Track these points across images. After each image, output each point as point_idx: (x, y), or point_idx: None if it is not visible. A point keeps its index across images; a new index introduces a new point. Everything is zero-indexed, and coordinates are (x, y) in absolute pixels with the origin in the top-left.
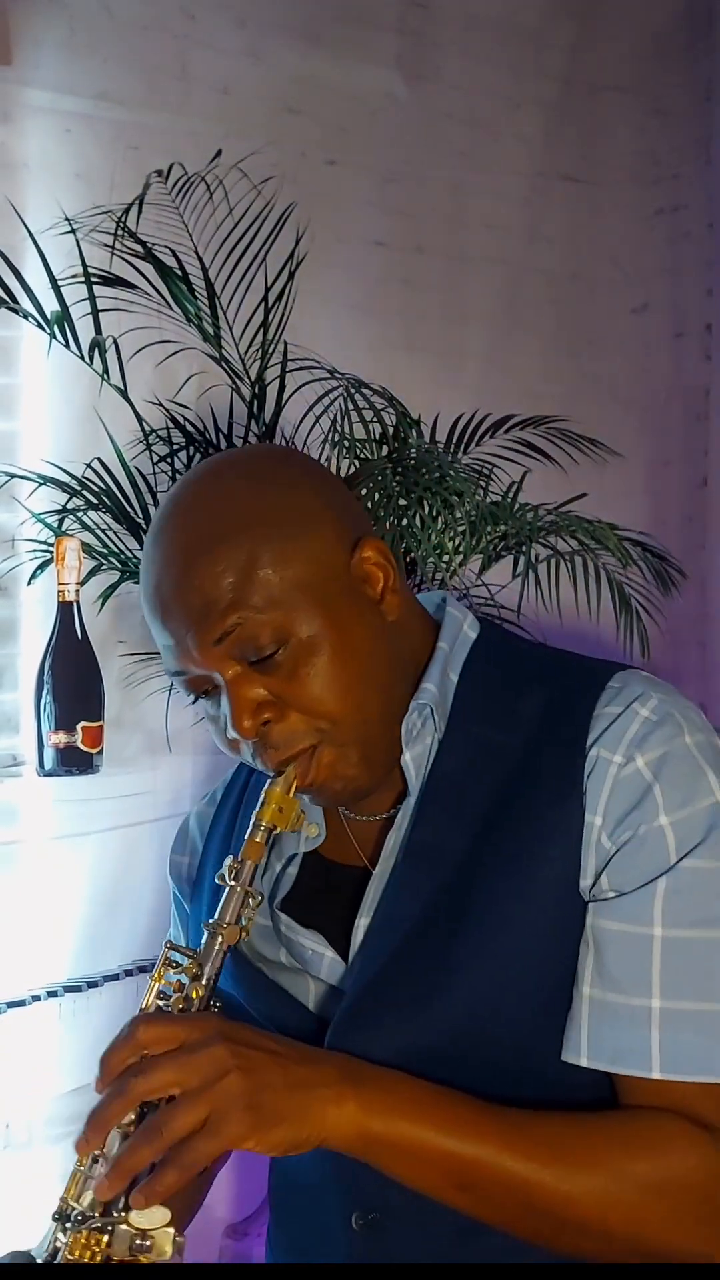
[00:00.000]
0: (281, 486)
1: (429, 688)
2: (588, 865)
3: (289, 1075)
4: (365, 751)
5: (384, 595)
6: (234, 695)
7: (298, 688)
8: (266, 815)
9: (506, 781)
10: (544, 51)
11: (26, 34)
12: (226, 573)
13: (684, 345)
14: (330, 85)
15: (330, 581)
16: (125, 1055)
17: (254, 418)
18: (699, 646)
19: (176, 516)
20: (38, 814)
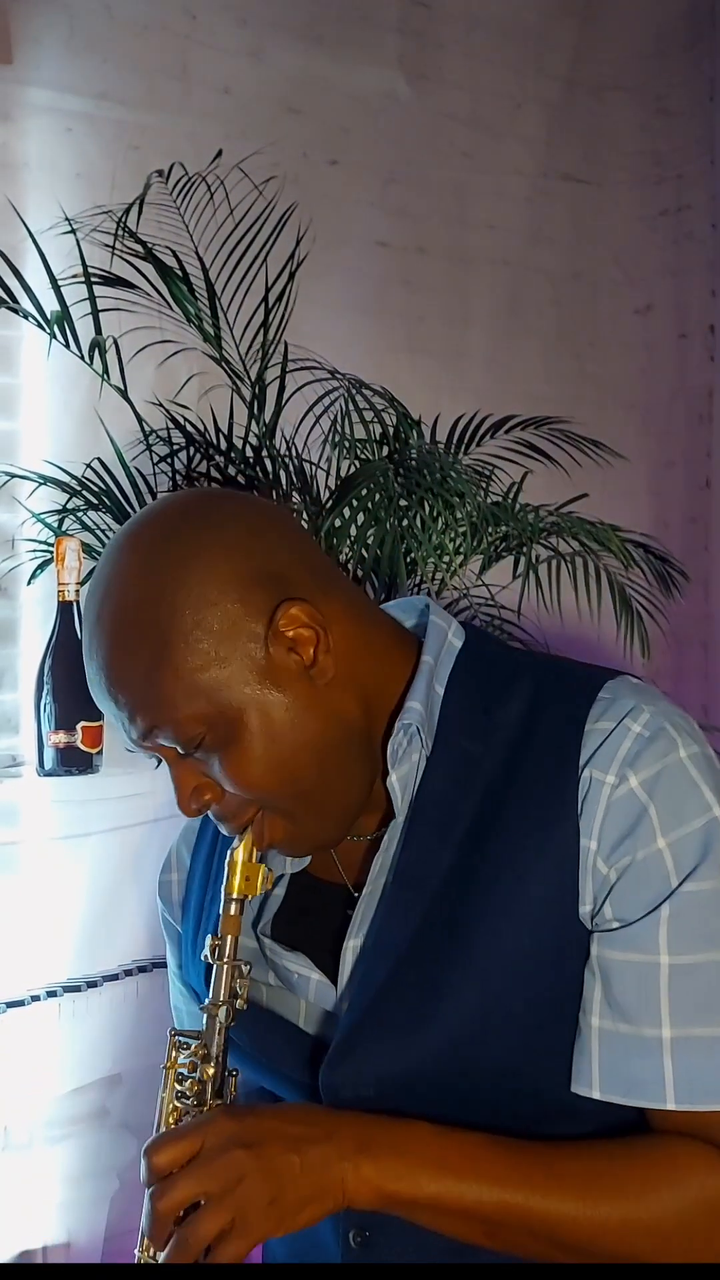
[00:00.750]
0: (179, 569)
1: (414, 706)
2: (585, 891)
3: (305, 1159)
4: (314, 813)
5: (316, 658)
6: (174, 777)
7: (226, 772)
8: (235, 887)
9: (493, 796)
10: (546, 51)
11: (27, 33)
12: (132, 681)
13: (687, 346)
14: (332, 85)
15: (239, 666)
16: (151, 1182)
17: (254, 418)
18: (702, 648)
19: (88, 610)
20: (38, 814)
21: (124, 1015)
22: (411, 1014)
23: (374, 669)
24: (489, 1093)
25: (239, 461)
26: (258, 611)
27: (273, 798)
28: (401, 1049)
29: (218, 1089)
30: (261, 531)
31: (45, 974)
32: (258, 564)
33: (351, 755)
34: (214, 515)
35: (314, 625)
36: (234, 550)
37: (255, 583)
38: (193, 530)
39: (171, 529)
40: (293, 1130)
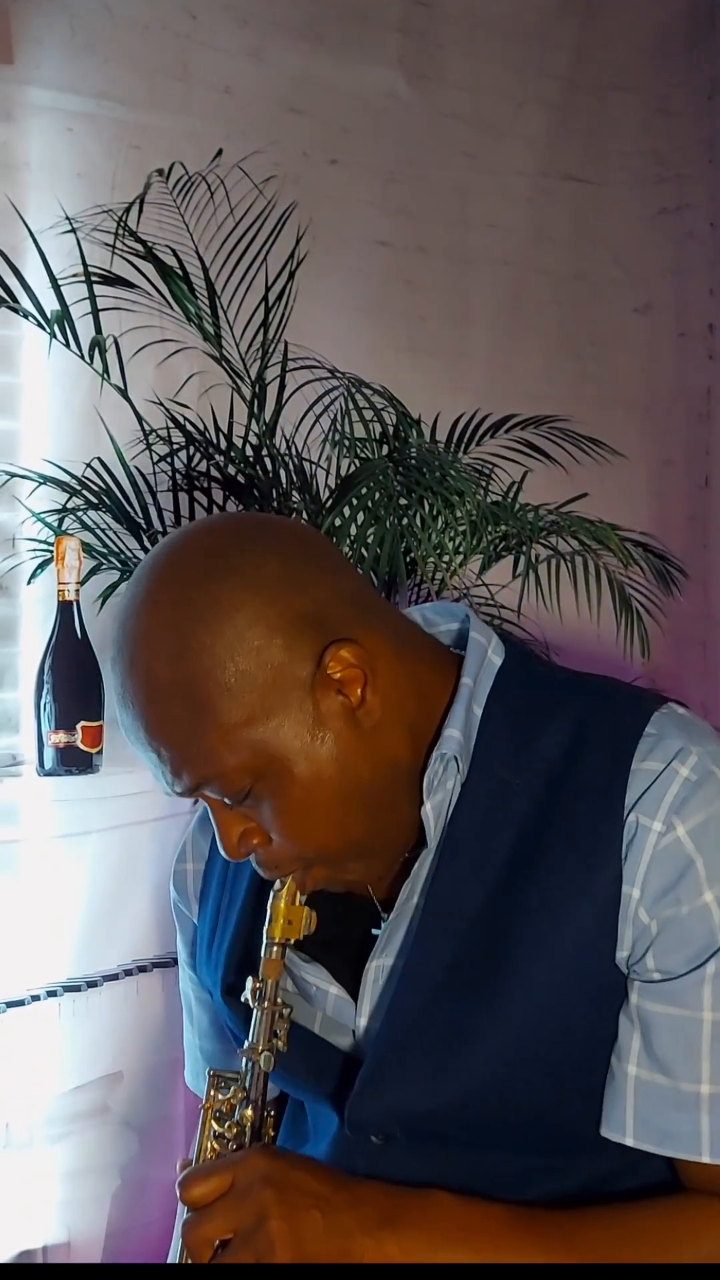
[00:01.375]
0: (219, 618)
1: (453, 735)
2: (624, 936)
3: (330, 1222)
4: (362, 858)
5: (364, 698)
6: (217, 822)
7: (274, 824)
8: (278, 932)
9: (533, 831)
10: (547, 51)
11: (28, 33)
12: (173, 736)
13: (687, 345)
14: (332, 85)
15: (284, 715)
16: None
17: (254, 417)
18: (701, 646)
19: (121, 651)
20: (38, 814)
21: (124, 1015)
22: (442, 1052)
23: (418, 700)
24: (515, 1131)
25: (239, 461)
26: (304, 657)
27: (323, 849)
28: (431, 1087)
29: (256, 1131)
30: (300, 565)
31: (45, 974)
32: (301, 605)
33: (399, 795)
34: (250, 552)
35: (361, 666)
36: (275, 592)
37: (299, 627)
38: (230, 570)
39: (206, 570)
40: (319, 1188)
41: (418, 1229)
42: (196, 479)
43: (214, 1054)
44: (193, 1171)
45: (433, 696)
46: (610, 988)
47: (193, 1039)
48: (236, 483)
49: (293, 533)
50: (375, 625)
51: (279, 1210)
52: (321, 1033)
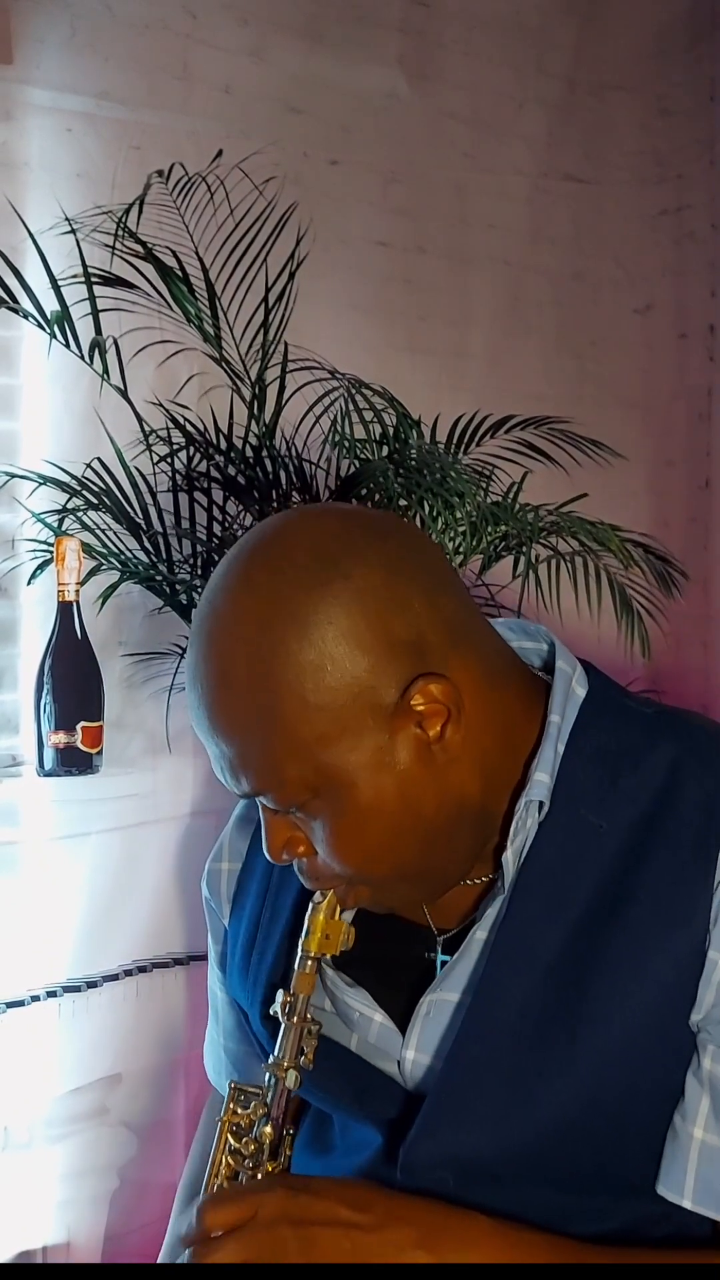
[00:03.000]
0: (307, 626)
1: (541, 780)
2: (704, 999)
3: (359, 1249)
4: (408, 888)
5: (443, 732)
6: (267, 829)
7: (322, 840)
8: (314, 945)
9: (616, 879)
10: (547, 51)
11: (28, 33)
12: (237, 735)
13: (687, 346)
14: (332, 85)
15: (362, 735)
16: (196, 1239)
17: (254, 418)
18: (702, 647)
19: (200, 645)
20: (38, 814)
21: (124, 1015)
22: (507, 1099)
23: (501, 737)
24: (570, 1183)
25: (239, 461)
26: (390, 683)
27: (367, 873)
28: (492, 1134)
29: (274, 1150)
30: (405, 583)
31: (45, 974)
32: (397, 629)
33: (462, 832)
34: (356, 560)
35: (447, 703)
36: (374, 610)
37: (392, 652)
38: (333, 577)
39: (309, 572)
40: (348, 1215)
41: (455, 1253)
42: (196, 480)
43: (237, 1055)
44: (217, 1196)
45: (519, 732)
46: (680, 1046)
47: (216, 1036)
48: (236, 483)
49: (402, 541)
50: (469, 656)
51: (299, 1249)
52: (360, 1054)
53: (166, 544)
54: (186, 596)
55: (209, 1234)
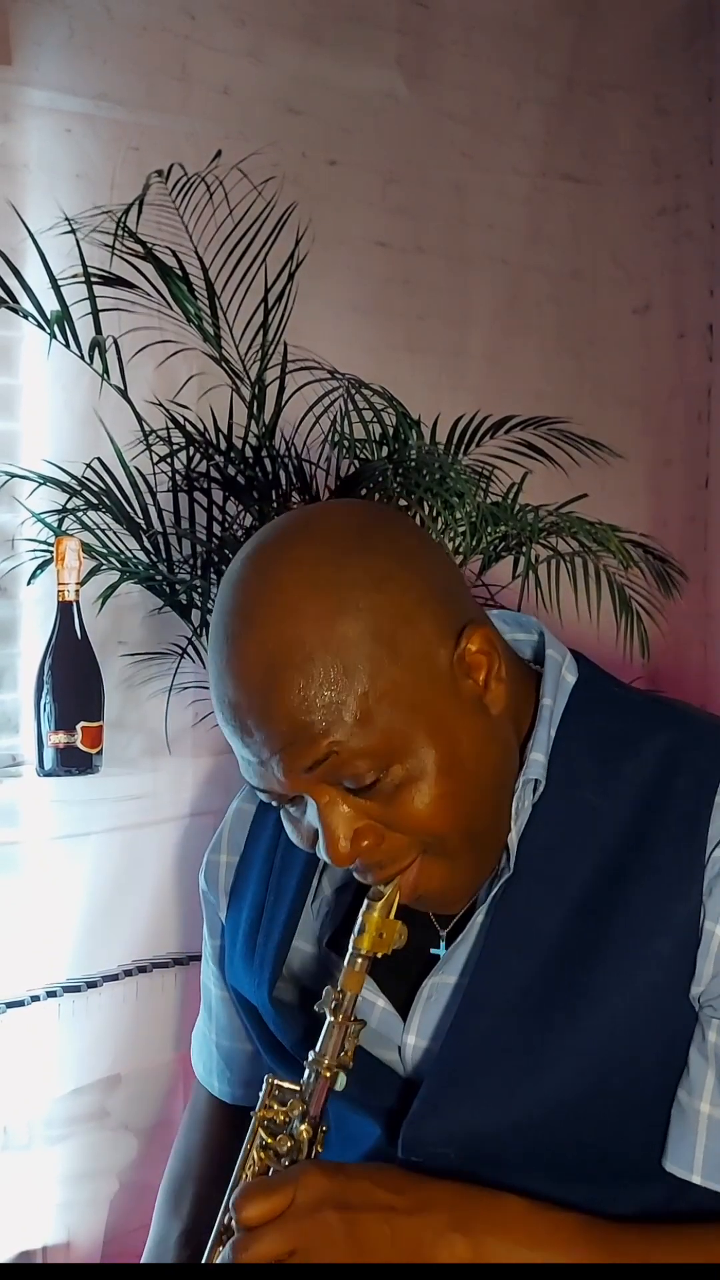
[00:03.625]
0: (376, 584)
1: (537, 760)
2: (703, 972)
3: (396, 1230)
4: (476, 857)
5: (488, 684)
6: (327, 823)
7: (400, 811)
8: (366, 944)
9: (611, 857)
10: (545, 51)
11: (27, 34)
12: (316, 697)
13: (686, 345)
14: (331, 85)
15: (432, 690)
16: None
17: (254, 418)
18: (701, 646)
19: (253, 617)
20: (38, 814)
21: (124, 1015)
22: (509, 1076)
23: (519, 702)
24: (574, 1162)
25: (239, 461)
26: (446, 633)
27: (448, 836)
28: (492, 1113)
29: (310, 1148)
30: (430, 543)
31: (45, 974)
32: (442, 582)
33: (507, 787)
34: (385, 524)
35: (494, 649)
36: (421, 565)
37: (443, 602)
38: (379, 541)
39: (343, 538)
40: (385, 1198)
41: (490, 1234)
42: (196, 479)
43: (230, 1052)
44: (249, 1187)
45: (525, 704)
46: (684, 1023)
47: (207, 1033)
48: (236, 483)
49: (410, 521)
50: (485, 617)
51: (346, 1230)
52: (365, 1045)
53: (166, 544)
54: (186, 596)
55: (247, 1226)
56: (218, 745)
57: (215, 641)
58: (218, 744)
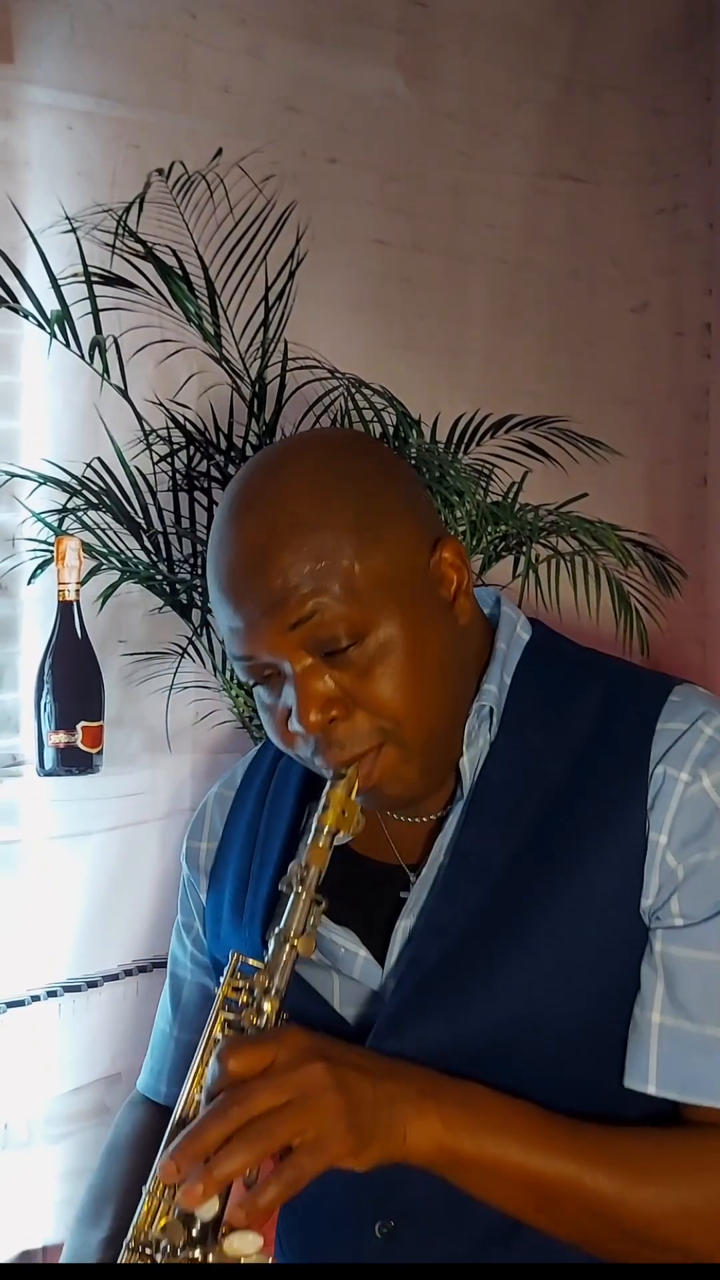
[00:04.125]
0: (366, 481)
1: (490, 689)
2: (650, 884)
3: (378, 1090)
4: (427, 756)
5: (456, 597)
6: (302, 688)
7: (368, 686)
8: (330, 819)
9: (559, 790)
10: (544, 51)
11: (28, 32)
12: (309, 559)
13: (684, 344)
14: (331, 84)
15: (410, 581)
16: (223, 1087)
17: (254, 417)
18: (699, 645)
19: (256, 499)
20: (38, 814)
21: (124, 1015)
22: (461, 996)
23: (476, 633)
24: (532, 1081)
25: (239, 461)
26: (424, 539)
27: (408, 723)
28: (448, 1031)
29: (275, 1024)
30: (409, 469)
31: (45, 974)
32: (421, 497)
33: (463, 704)
34: (374, 445)
35: (461, 565)
36: (403, 478)
37: (422, 514)
38: (381, 456)
39: (360, 449)
40: (362, 1060)
41: (460, 1104)
42: (196, 479)
43: (190, 1047)
44: (234, 1042)
45: (478, 641)
46: (635, 938)
47: (169, 1031)
48: None
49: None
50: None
51: (334, 1080)
52: (340, 1004)
53: (166, 543)
54: (186, 596)
55: (235, 1082)
56: (218, 744)
57: (217, 523)
58: (218, 742)
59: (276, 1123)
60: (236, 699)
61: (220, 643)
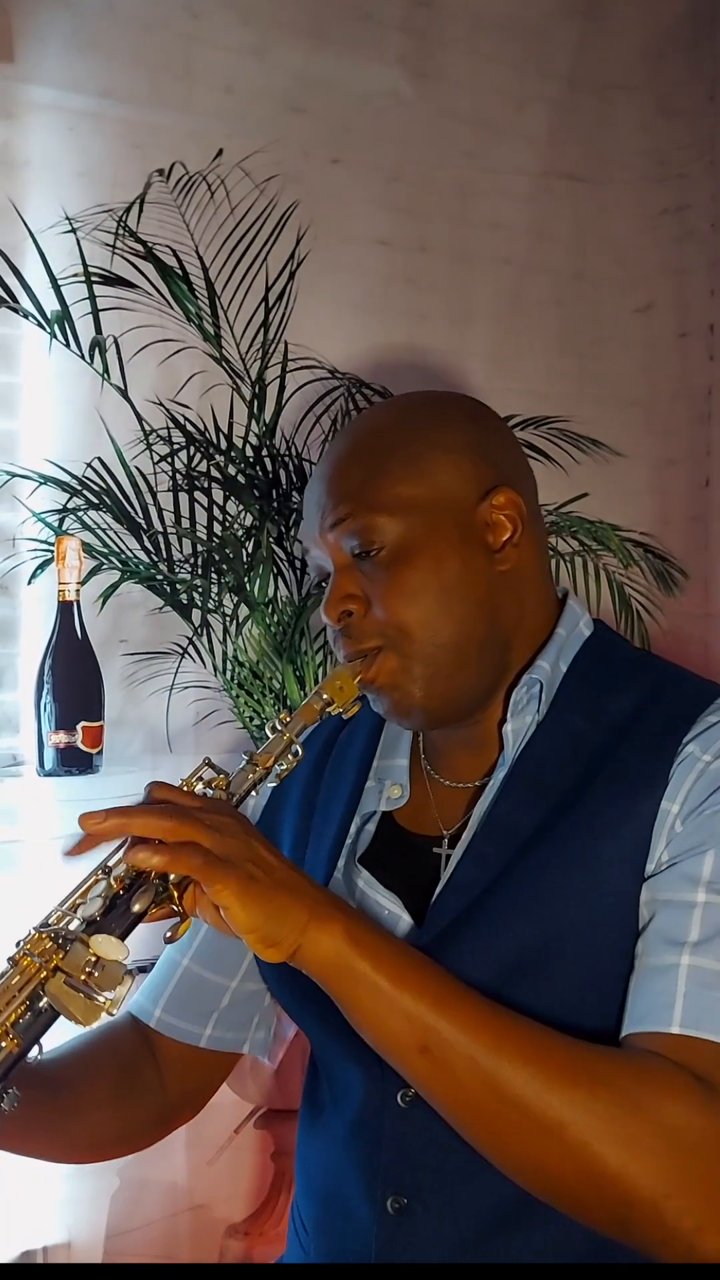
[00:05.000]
0: (438, 417)
1: (543, 665)
2: (655, 849)
3: (285, 877)
4: (428, 672)
5: (503, 547)
6: (332, 583)
7: (383, 590)
8: (327, 688)
9: (591, 767)
10: (549, 50)
11: (30, 31)
12: (357, 473)
13: (688, 345)
14: (334, 84)
15: (447, 509)
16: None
17: (254, 417)
18: (702, 645)
19: (348, 428)
20: (38, 814)
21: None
22: (473, 949)
23: (534, 603)
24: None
25: (239, 461)
26: (478, 481)
27: (409, 631)
28: (466, 968)
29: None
30: (498, 424)
31: None
32: (498, 451)
33: (485, 648)
34: (466, 398)
35: (517, 519)
36: (490, 436)
37: (488, 461)
38: (470, 406)
39: (454, 398)
40: (288, 862)
41: (368, 930)
42: (197, 479)
43: (196, 979)
44: (170, 785)
45: (541, 617)
46: (639, 905)
47: (176, 958)
48: (236, 483)
49: (488, 407)
50: (537, 525)
51: (245, 831)
52: None
53: (167, 543)
54: (187, 596)
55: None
56: (219, 744)
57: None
58: (219, 742)
59: (188, 822)
60: (237, 699)
61: (220, 643)
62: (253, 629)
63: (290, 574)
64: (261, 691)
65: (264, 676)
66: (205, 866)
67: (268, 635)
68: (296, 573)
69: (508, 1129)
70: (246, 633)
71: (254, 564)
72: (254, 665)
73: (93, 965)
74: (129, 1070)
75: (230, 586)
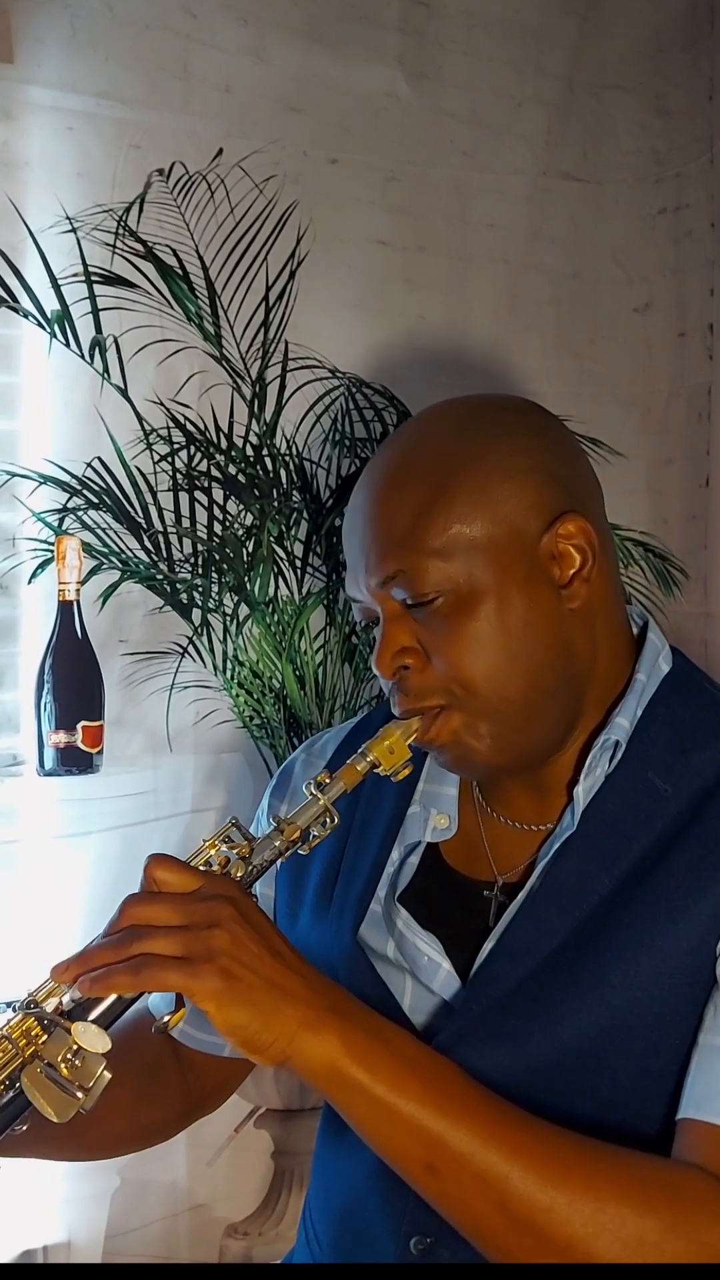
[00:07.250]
0: (493, 438)
1: (621, 723)
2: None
3: (275, 975)
4: (496, 729)
5: (572, 580)
6: (384, 633)
7: (443, 642)
8: (375, 749)
9: (670, 835)
10: (546, 50)
11: (29, 32)
12: (406, 511)
13: (686, 344)
14: (332, 84)
15: (510, 546)
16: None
17: (254, 417)
18: (703, 646)
19: (389, 447)
20: (38, 814)
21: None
22: (529, 1028)
23: (608, 640)
24: (582, 1121)
25: (239, 460)
26: (544, 508)
27: (474, 687)
28: (509, 1057)
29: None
30: (565, 439)
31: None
32: (565, 471)
33: (557, 696)
34: (532, 408)
35: (586, 549)
36: (554, 454)
37: (555, 483)
38: (527, 418)
39: (507, 408)
40: (286, 953)
41: (367, 1032)
42: (197, 479)
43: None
44: (171, 858)
45: (617, 656)
46: (706, 992)
47: None
48: (237, 482)
49: (556, 418)
50: (609, 551)
51: (234, 924)
52: (410, 1010)
53: (167, 543)
54: (187, 595)
55: (150, 886)
56: (219, 743)
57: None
58: (219, 742)
59: (156, 936)
60: (237, 699)
61: (220, 642)
62: (253, 629)
63: (290, 574)
64: (261, 691)
65: (264, 676)
66: (178, 976)
67: (268, 635)
68: (297, 572)
69: (522, 1252)
70: (246, 632)
71: (254, 564)
72: (254, 665)
73: (73, 1054)
74: (151, 1076)
75: (230, 586)
